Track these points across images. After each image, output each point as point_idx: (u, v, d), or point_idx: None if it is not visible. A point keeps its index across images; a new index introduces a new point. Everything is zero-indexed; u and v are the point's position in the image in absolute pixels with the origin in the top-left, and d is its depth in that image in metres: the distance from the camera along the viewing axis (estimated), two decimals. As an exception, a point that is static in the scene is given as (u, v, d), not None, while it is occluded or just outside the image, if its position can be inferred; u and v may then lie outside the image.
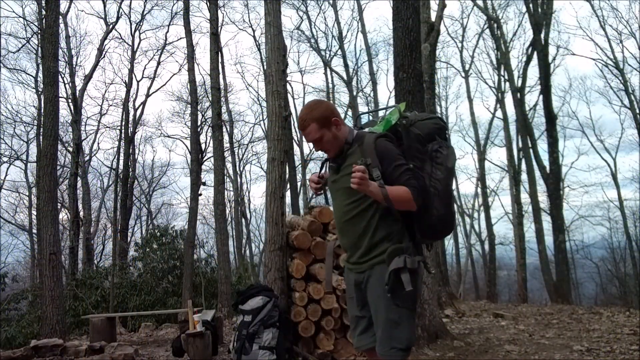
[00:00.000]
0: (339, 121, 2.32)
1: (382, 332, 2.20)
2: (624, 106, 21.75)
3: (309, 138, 2.31)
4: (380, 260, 2.20)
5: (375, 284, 2.23)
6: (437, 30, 10.48)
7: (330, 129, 2.29)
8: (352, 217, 2.28)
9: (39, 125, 16.37)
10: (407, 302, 2.18)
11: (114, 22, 19.56)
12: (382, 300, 2.18)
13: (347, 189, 2.20)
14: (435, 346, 5.18)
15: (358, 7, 22.56)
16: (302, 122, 2.32)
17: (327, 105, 2.36)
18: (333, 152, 2.35)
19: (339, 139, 2.32)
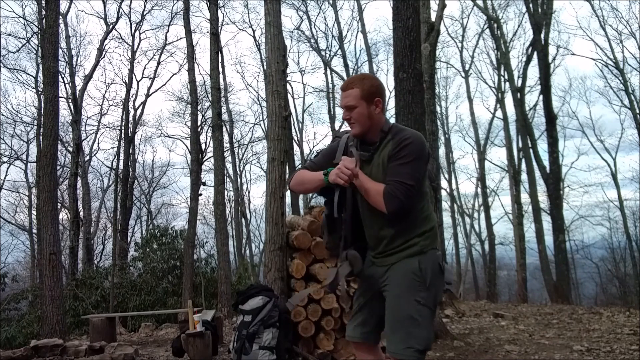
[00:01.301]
0: (381, 105, 2.19)
1: (399, 330, 2.09)
2: (624, 106, 21.76)
3: (344, 101, 2.17)
4: (410, 253, 2.12)
5: (398, 278, 2.13)
6: (437, 30, 10.47)
7: (369, 105, 2.15)
8: (381, 214, 2.11)
9: (39, 125, 16.37)
10: (430, 301, 2.10)
11: (114, 22, 19.59)
12: (404, 295, 2.09)
13: (383, 182, 2.11)
14: (435, 346, 5.18)
15: (358, 7, 22.59)
16: (349, 83, 2.20)
17: (380, 84, 2.23)
18: (358, 129, 2.18)
19: (373, 121, 2.17)
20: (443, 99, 26.05)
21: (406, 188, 2.01)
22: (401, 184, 2.02)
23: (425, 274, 2.09)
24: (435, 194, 7.20)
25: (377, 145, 2.18)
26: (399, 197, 2.01)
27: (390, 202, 2.02)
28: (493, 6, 19.88)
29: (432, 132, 10.22)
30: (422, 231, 2.15)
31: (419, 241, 2.13)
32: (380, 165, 2.14)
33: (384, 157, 2.13)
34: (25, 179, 21.90)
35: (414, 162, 2.05)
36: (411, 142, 2.08)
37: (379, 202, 2.05)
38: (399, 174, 2.04)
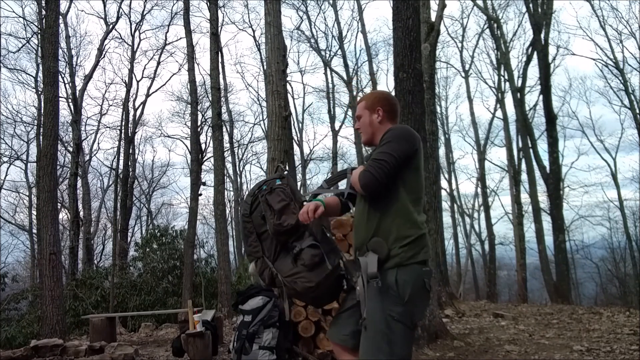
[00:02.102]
0: (385, 114, 2.28)
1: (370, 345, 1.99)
2: (624, 106, 21.76)
3: (356, 113, 2.36)
4: (389, 265, 2.02)
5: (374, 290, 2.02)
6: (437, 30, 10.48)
7: (371, 114, 2.28)
8: (367, 218, 2.14)
9: (39, 125, 16.38)
10: (406, 318, 1.98)
11: (114, 22, 19.60)
12: (378, 309, 1.98)
13: None
14: (435, 346, 5.18)
15: (358, 7, 22.58)
16: (361, 98, 2.39)
17: (386, 96, 2.37)
18: (364, 137, 2.33)
19: (374, 128, 2.28)
20: (443, 99, 26.09)
21: (379, 164, 2.03)
22: (374, 161, 2.06)
23: (402, 289, 1.98)
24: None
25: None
26: (370, 171, 2.04)
27: (362, 177, 2.05)
28: (493, 6, 19.91)
29: (432, 132, 10.23)
30: (404, 237, 2.04)
31: (400, 252, 2.02)
32: None
33: None
34: (25, 179, 21.95)
35: (389, 143, 2.09)
36: (390, 130, 2.16)
37: (356, 182, 2.10)
38: (375, 155, 2.10)
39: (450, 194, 26.07)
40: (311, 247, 2.16)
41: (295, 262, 2.16)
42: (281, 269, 2.18)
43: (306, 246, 2.15)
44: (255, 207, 2.28)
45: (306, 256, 2.13)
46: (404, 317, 1.98)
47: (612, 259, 25.08)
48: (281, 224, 2.17)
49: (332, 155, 23.49)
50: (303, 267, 2.12)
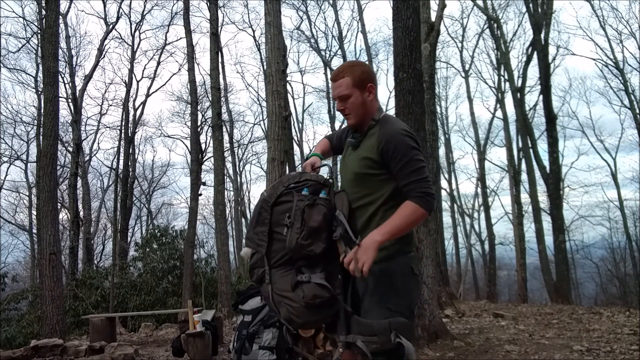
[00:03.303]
0: (374, 90, 2.11)
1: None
2: (624, 106, 21.76)
3: (336, 92, 2.08)
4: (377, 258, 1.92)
5: (366, 285, 1.99)
6: (437, 30, 10.48)
7: (362, 93, 2.07)
8: (356, 207, 2.06)
9: (39, 125, 16.37)
10: (403, 306, 1.96)
11: (114, 22, 19.60)
12: (374, 305, 1.95)
13: (356, 175, 2.07)
14: (435, 346, 5.18)
15: (358, 7, 22.58)
16: (338, 72, 2.09)
17: (370, 70, 2.15)
18: (354, 119, 2.11)
19: (366, 109, 2.09)
20: (443, 99, 26.07)
21: (428, 182, 1.96)
22: (422, 182, 1.94)
23: (393, 279, 1.96)
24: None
25: (365, 132, 2.10)
26: (428, 195, 1.93)
27: (426, 204, 1.92)
28: (493, 6, 19.89)
29: (432, 132, 10.22)
30: None
31: (387, 245, 1.94)
32: (360, 155, 2.07)
33: (365, 148, 2.06)
34: (25, 179, 21.95)
35: (413, 155, 1.97)
36: (399, 134, 2.00)
37: (418, 217, 1.93)
38: (412, 172, 1.95)
39: (450, 194, 26.08)
40: (320, 286, 1.93)
41: (294, 289, 1.95)
42: (276, 280, 1.99)
43: (315, 282, 1.93)
44: (284, 202, 2.02)
45: (308, 292, 1.92)
46: (402, 307, 1.94)
47: (612, 259, 25.09)
48: (305, 246, 1.94)
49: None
50: (300, 299, 1.92)
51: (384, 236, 1.89)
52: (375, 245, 1.87)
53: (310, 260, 1.96)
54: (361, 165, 2.05)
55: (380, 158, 1.99)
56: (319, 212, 1.96)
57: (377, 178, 2.02)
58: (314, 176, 2.12)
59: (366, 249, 1.86)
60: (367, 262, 1.84)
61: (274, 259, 2.00)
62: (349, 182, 2.11)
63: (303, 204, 1.97)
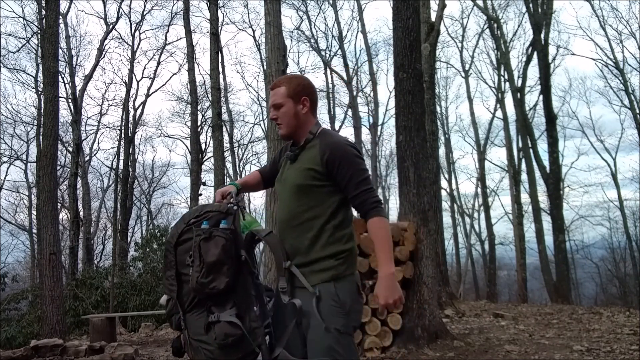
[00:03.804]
0: (309, 105, 2.08)
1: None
2: (624, 106, 21.76)
3: (271, 100, 2.08)
4: (325, 277, 1.90)
5: (315, 304, 1.90)
6: (437, 30, 10.49)
7: (296, 104, 2.05)
8: (300, 223, 1.97)
9: (39, 125, 16.38)
10: (349, 327, 1.91)
11: (114, 22, 19.63)
12: (321, 325, 1.86)
13: (298, 187, 1.99)
14: (435, 346, 5.17)
15: (358, 7, 22.59)
16: (277, 82, 2.12)
17: (309, 84, 2.12)
18: (284, 129, 2.07)
19: (298, 121, 2.05)
20: (443, 99, 26.08)
21: (373, 192, 1.96)
22: (368, 192, 1.94)
23: (343, 299, 1.90)
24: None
25: (303, 145, 2.05)
26: (377, 207, 1.94)
27: (384, 212, 1.96)
28: (493, 6, 19.90)
29: (432, 132, 10.23)
30: (338, 251, 1.94)
31: (335, 264, 1.92)
32: (301, 167, 2.00)
33: (306, 160, 2.00)
34: (25, 179, 21.97)
35: (358, 166, 1.97)
36: (342, 145, 1.98)
37: (388, 226, 1.95)
38: (358, 185, 1.94)
39: (450, 194, 26.09)
40: (230, 324, 1.84)
41: (207, 331, 1.87)
42: (190, 325, 1.91)
43: (224, 320, 1.85)
44: (185, 240, 1.93)
45: (220, 332, 1.84)
46: (348, 328, 1.91)
47: (612, 259, 25.10)
48: (206, 284, 1.84)
49: (332, 155, 23.45)
50: (213, 341, 1.85)
51: (388, 263, 1.89)
52: (391, 277, 1.89)
53: (218, 298, 1.88)
54: (304, 176, 1.98)
55: (324, 169, 1.94)
56: (216, 245, 1.86)
57: (321, 190, 1.96)
58: (215, 206, 2.02)
59: (386, 287, 1.88)
60: (395, 296, 1.88)
61: (185, 303, 1.92)
62: (290, 195, 2.02)
63: (199, 239, 1.88)
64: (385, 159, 26.98)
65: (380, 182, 25.93)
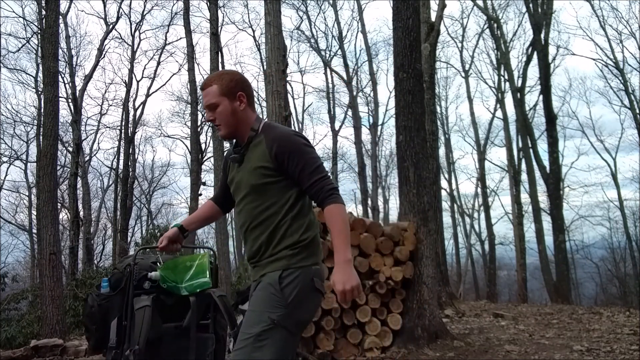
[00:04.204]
0: (246, 100, 1.98)
1: (241, 349, 1.77)
2: (624, 106, 21.75)
3: (205, 101, 1.98)
4: (275, 267, 1.86)
5: (257, 291, 1.87)
6: (437, 30, 10.49)
7: (232, 102, 1.95)
8: (260, 223, 1.92)
9: (39, 125, 16.38)
10: (288, 322, 1.79)
11: (114, 22, 19.60)
12: (257, 309, 1.81)
13: (253, 188, 1.92)
14: (435, 346, 5.17)
15: (358, 7, 22.58)
16: (207, 81, 2.00)
17: (241, 78, 2.01)
18: (224, 129, 1.98)
19: (237, 118, 1.96)
20: (443, 99, 26.06)
21: (328, 179, 1.90)
22: (321, 180, 1.88)
23: (287, 290, 1.80)
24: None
25: (247, 144, 1.98)
26: (335, 189, 1.88)
27: (340, 199, 1.88)
28: (493, 6, 19.89)
29: (432, 132, 10.23)
30: (294, 242, 1.88)
31: (288, 254, 1.86)
32: (251, 167, 1.94)
33: (254, 158, 1.93)
34: (25, 179, 21.96)
35: (308, 154, 1.90)
36: (290, 136, 1.93)
37: (345, 214, 1.87)
38: (311, 175, 1.88)
39: (450, 194, 26.08)
40: None
41: None
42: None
43: None
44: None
45: None
46: (288, 322, 1.79)
47: (612, 259, 25.10)
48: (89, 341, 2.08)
49: (332, 155, 23.49)
50: None
51: (345, 250, 1.81)
52: (349, 264, 1.80)
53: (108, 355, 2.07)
54: (256, 175, 1.91)
55: (275, 164, 1.88)
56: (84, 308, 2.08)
57: (277, 185, 1.90)
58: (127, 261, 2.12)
59: (343, 273, 1.78)
60: (353, 283, 1.78)
61: None
62: (246, 198, 1.96)
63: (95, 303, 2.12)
64: (385, 159, 26.99)
65: (380, 182, 25.92)
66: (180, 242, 2.26)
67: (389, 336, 5.17)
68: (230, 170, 2.09)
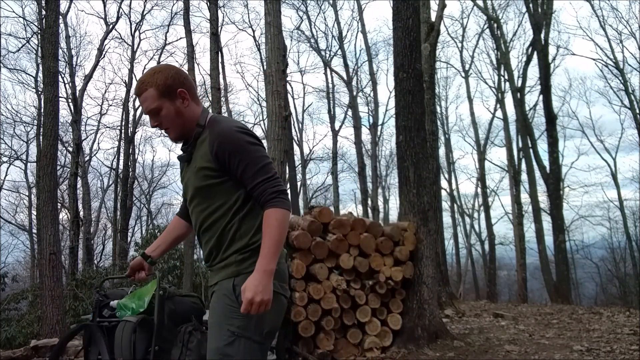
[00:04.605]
0: (188, 95, 1.81)
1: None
2: (624, 106, 21.76)
3: (144, 107, 1.82)
4: (226, 274, 1.75)
5: (213, 304, 1.76)
6: (437, 30, 10.48)
7: (174, 102, 1.79)
8: (209, 225, 1.81)
9: (39, 125, 16.39)
10: (251, 331, 1.68)
11: (114, 22, 19.62)
12: (216, 325, 1.71)
13: (198, 190, 1.80)
14: (435, 346, 5.17)
15: (358, 7, 22.59)
16: (140, 85, 1.80)
17: (176, 72, 1.83)
18: (174, 132, 1.84)
19: (184, 118, 1.81)
20: (443, 99, 26.07)
21: (276, 180, 1.73)
22: (268, 181, 1.71)
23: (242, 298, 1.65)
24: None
25: (194, 141, 1.83)
26: (280, 192, 1.71)
27: (284, 204, 1.70)
28: (493, 6, 19.90)
29: (432, 132, 10.22)
30: (243, 245, 1.76)
31: (238, 259, 1.74)
32: (196, 167, 1.80)
33: (199, 158, 1.79)
34: (25, 179, 21.97)
35: (253, 153, 1.74)
36: (234, 138, 1.74)
37: (284, 220, 1.70)
38: (256, 174, 1.72)
39: (450, 194, 26.08)
40: None
41: None
42: None
43: None
44: None
45: None
46: (250, 331, 1.68)
47: (612, 259, 25.11)
48: None
49: (332, 155, 23.51)
50: None
51: (271, 259, 1.63)
52: (269, 275, 1.62)
53: None
54: (200, 177, 1.78)
55: (217, 164, 1.74)
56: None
57: (223, 187, 1.77)
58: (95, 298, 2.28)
59: (259, 283, 1.60)
60: (265, 297, 1.61)
61: None
62: (194, 201, 1.84)
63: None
64: (385, 159, 27.00)
65: (380, 182, 25.92)
66: (145, 269, 2.23)
67: (389, 336, 5.17)
68: (182, 171, 1.95)
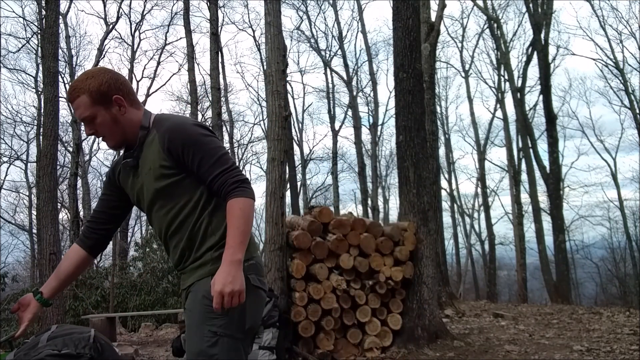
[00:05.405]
0: (125, 101, 1.69)
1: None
2: (624, 106, 21.78)
3: (77, 114, 1.70)
4: (202, 274, 1.66)
5: (190, 305, 1.67)
6: (437, 30, 10.48)
7: (110, 109, 1.66)
8: (177, 228, 1.70)
9: (39, 125, 16.40)
10: (233, 328, 1.61)
11: (114, 22, 19.60)
12: (196, 327, 1.62)
13: (157, 192, 1.69)
14: (435, 346, 5.18)
15: (358, 7, 22.59)
16: (72, 91, 1.67)
17: (112, 77, 1.69)
18: (112, 140, 1.72)
19: (121, 125, 1.69)
20: (443, 99, 26.07)
21: (236, 170, 1.65)
22: (226, 173, 1.62)
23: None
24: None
25: (140, 145, 1.71)
26: (242, 181, 1.62)
27: (247, 193, 1.61)
28: (493, 6, 19.90)
29: (432, 132, 10.22)
30: (216, 241, 1.66)
31: (213, 256, 1.65)
32: (150, 170, 1.68)
33: (150, 159, 1.68)
34: (25, 179, 21.98)
35: (207, 145, 1.64)
36: (186, 131, 1.65)
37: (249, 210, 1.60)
38: (213, 166, 1.63)
39: (450, 194, 26.08)
40: None
41: None
42: None
43: None
44: None
45: None
46: (231, 330, 1.61)
47: (612, 259, 25.12)
48: None
49: (332, 155, 23.50)
50: None
51: (238, 248, 1.55)
52: (237, 265, 1.53)
53: None
54: (156, 178, 1.67)
55: (172, 160, 1.64)
56: None
57: (184, 183, 1.67)
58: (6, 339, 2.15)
59: (228, 274, 1.51)
60: (235, 287, 1.51)
61: None
62: (154, 206, 1.73)
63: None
64: (385, 159, 27.00)
65: (380, 182, 25.92)
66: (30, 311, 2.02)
67: (389, 336, 5.17)
68: (123, 181, 1.81)
